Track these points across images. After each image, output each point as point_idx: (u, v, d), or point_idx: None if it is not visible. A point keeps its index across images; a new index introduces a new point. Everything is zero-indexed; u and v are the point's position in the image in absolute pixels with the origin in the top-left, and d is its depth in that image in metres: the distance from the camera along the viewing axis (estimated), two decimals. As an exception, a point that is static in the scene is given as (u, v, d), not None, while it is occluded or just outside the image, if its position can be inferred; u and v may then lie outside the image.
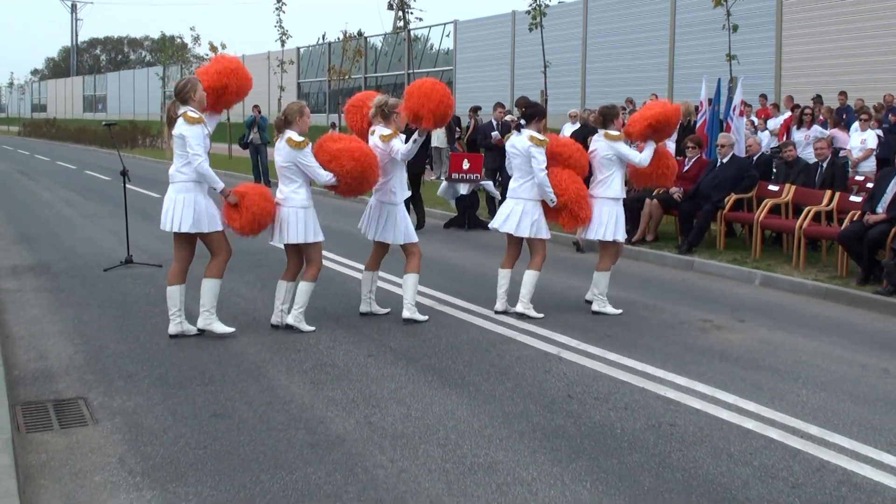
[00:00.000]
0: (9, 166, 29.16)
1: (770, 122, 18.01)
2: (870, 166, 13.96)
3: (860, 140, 14.30)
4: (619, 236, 8.14)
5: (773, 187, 11.51)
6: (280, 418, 5.32)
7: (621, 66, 30.68)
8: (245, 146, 22.75)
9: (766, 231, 11.30)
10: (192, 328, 7.13)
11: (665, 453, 4.86)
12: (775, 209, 11.21)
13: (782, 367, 6.56)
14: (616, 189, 8.13)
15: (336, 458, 4.73)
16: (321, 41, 51.96)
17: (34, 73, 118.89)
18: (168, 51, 48.70)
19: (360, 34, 50.47)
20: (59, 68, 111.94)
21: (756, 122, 18.05)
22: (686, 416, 5.45)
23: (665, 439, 5.06)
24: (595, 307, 8.15)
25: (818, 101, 19.29)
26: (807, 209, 10.54)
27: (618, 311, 8.13)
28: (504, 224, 7.95)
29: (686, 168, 12.08)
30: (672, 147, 15.70)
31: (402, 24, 57.35)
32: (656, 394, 5.87)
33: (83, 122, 63.11)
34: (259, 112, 22.74)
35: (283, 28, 30.69)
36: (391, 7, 61.27)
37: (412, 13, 59.50)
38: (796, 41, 25.10)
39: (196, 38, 42.29)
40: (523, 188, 7.91)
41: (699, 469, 4.66)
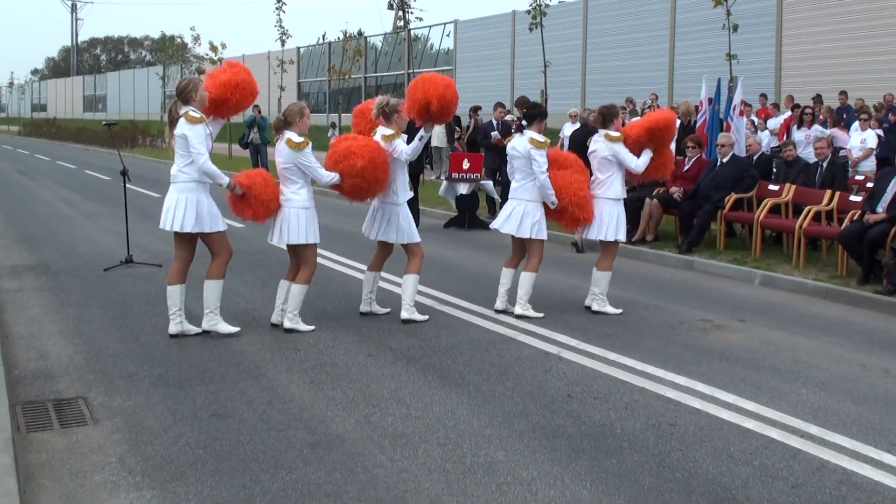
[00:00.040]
0: (9, 166, 29.16)
1: (770, 122, 18.00)
2: (870, 166, 13.96)
3: (860, 140, 14.30)
4: (621, 236, 8.15)
5: (773, 187, 11.52)
6: (280, 418, 5.33)
7: (621, 66, 30.68)
8: (245, 146, 22.78)
9: (766, 231, 11.30)
10: (192, 328, 7.13)
11: (665, 453, 4.86)
12: (775, 209, 11.21)
13: (782, 367, 6.56)
14: (616, 189, 8.13)
15: (336, 458, 4.73)
16: (321, 41, 52.01)
17: (34, 72, 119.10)
18: (168, 51, 48.70)
19: (360, 34, 50.49)
20: (59, 68, 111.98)
21: (756, 121, 18.04)
22: (686, 416, 5.45)
23: (665, 439, 5.06)
24: (595, 307, 8.15)
25: (818, 100, 19.29)
26: (807, 209, 10.54)
27: (618, 310, 8.13)
28: (504, 225, 7.95)
29: (686, 168, 12.08)
30: (672, 146, 15.76)
31: (402, 23, 57.36)
32: (656, 393, 5.88)
33: (83, 121, 63.14)
34: (259, 112, 22.75)
35: (284, 28, 30.74)
36: (391, 7, 61.30)
37: (412, 13, 59.56)
38: (796, 41, 25.11)
39: (196, 38, 42.16)
40: (524, 189, 7.91)
41: (699, 469, 4.66)
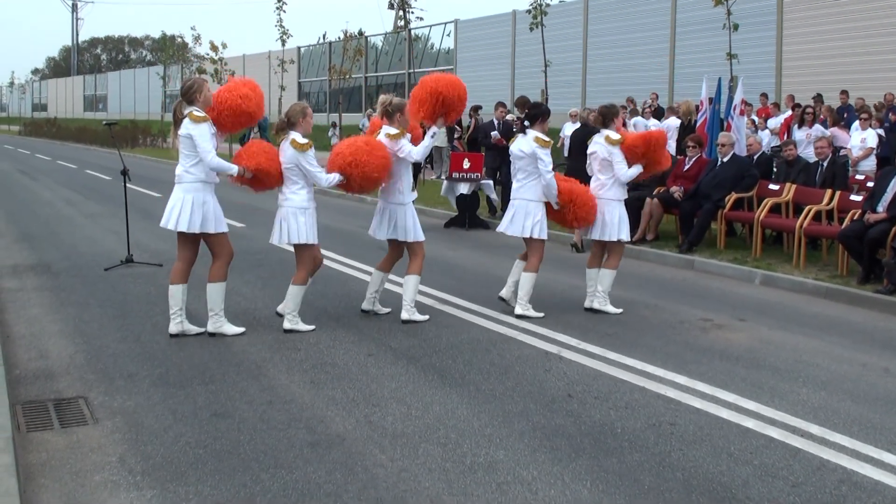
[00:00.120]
0: (10, 165, 29.17)
1: (770, 122, 18.00)
2: (870, 165, 13.96)
3: (860, 139, 14.29)
4: (624, 236, 8.15)
5: (773, 186, 11.51)
6: (280, 417, 5.33)
7: (622, 66, 30.67)
8: (246, 146, 22.73)
9: (766, 230, 11.30)
10: (193, 328, 7.14)
11: (665, 452, 4.86)
12: (776, 208, 11.21)
13: (783, 367, 6.56)
14: (618, 190, 8.13)
15: (336, 458, 4.73)
16: (322, 40, 52.07)
17: (35, 72, 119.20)
18: (169, 50, 48.78)
19: (360, 33, 50.53)
20: (59, 68, 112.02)
21: (756, 121, 18.04)
22: (686, 416, 5.45)
23: (665, 438, 5.06)
24: (596, 304, 8.15)
25: (819, 99, 19.28)
26: (807, 208, 10.54)
27: (618, 310, 8.13)
28: (510, 227, 7.98)
29: (686, 167, 12.08)
30: (672, 146, 15.77)
31: (402, 23, 57.37)
32: (656, 393, 5.88)
33: (84, 121, 63.14)
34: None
35: (284, 27, 30.74)
36: (392, 6, 61.30)
37: (413, 12, 59.57)
38: (797, 40, 25.09)
39: (197, 38, 42.16)
40: (525, 189, 7.91)
41: (699, 468, 4.66)
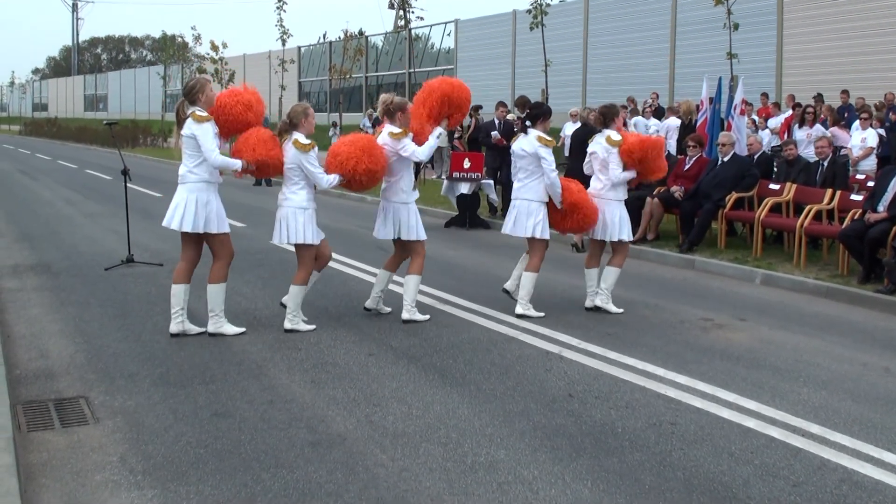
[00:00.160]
0: (10, 165, 29.17)
1: (771, 121, 17.99)
2: (870, 165, 13.95)
3: (861, 139, 14.29)
4: (625, 236, 8.14)
5: (773, 186, 11.51)
6: (281, 417, 5.33)
7: (622, 65, 30.68)
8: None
9: (766, 230, 11.30)
10: (194, 327, 7.14)
11: (666, 452, 4.86)
12: (776, 208, 11.21)
13: (783, 366, 6.56)
14: (618, 190, 8.13)
15: (337, 457, 4.73)
16: (322, 40, 52.07)
17: (35, 72, 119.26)
18: (169, 50, 48.79)
19: (360, 33, 50.52)
20: (60, 67, 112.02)
21: (757, 120, 18.03)
22: (687, 415, 5.45)
23: (666, 438, 5.06)
24: (599, 302, 8.14)
25: (819, 99, 19.27)
26: (808, 208, 10.54)
27: (619, 309, 8.13)
28: (514, 228, 7.99)
29: (687, 167, 12.08)
30: (673, 145, 15.77)
31: (402, 23, 57.33)
32: (657, 392, 5.88)
33: (84, 121, 63.14)
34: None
35: (284, 27, 30.82)
36: (392, 6, 61.24)
37: (413, 12, 59.47)
38: (797, 39, 25.10)
39: (197, 38, 42.28)
40: (526, 189, 7.91)
41: (700, 468, 4.66)
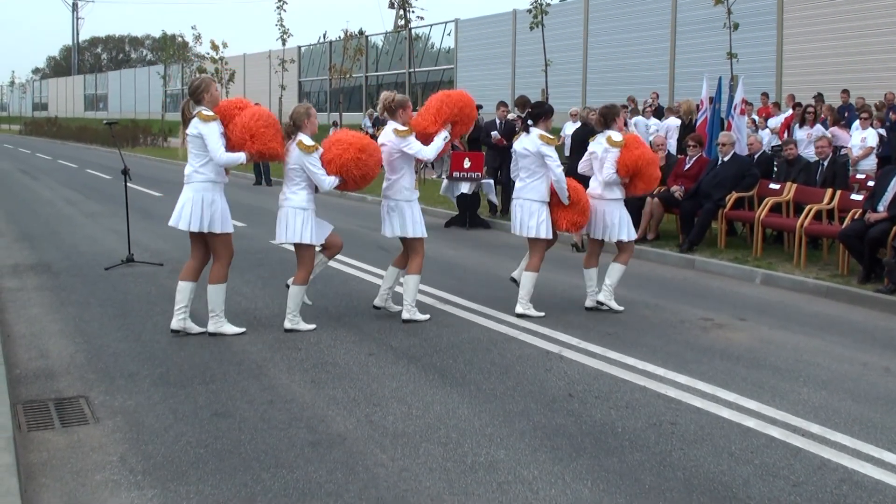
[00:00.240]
0: (10, 165, 29.17)
1: (771, 121, 18.00)
2: (870, 164, 13.96)
3: (861, 138, 14.29)
4: (624, 236, 8.12)
5: (774, 186, 11.51)
6: (281, 417, 5.33)
7: (622, 65, 30.68)
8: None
9: (767, 229, 11.30)
10: (195, 326, 7.14)
11: (666, 452, 4.86)
12: (776, 208, 11.21)
13: (783, 366, 6.56)
14: (618, 190, 8.11)
15: (337, 457, 4.73)
16: (322, 40, 52.03)
17: (35, 71, 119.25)
18: (169, 49, 48.80)
19: (361, 33, 50.49)
20: (60, 67, 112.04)
21: (757, 120, 18.04)
22: (687, 415, 5.45)
23: (666, 438, 5.06)
24: (601, 297, 8.13)
25: (819, 99, 19.27)
26: (808, 208, 10.54)
27: (620, 307, 8.13)
28: (519, 228, 8.01)
29: (687, 167, 12.08)
30: (673, 145, 15.77)
31: (403, 22, 57.31)
32: (657, 392, 5.88)
33: (84, 120, 63.15)
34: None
35: (285, 27, 30.77)
36: (392, 6, 61.19)
37: (413, 12, 59.37)
38: (797, 39, 25.10)
39: (197, 37, 42.33)
40: (528, 189, 7.91)
41: (700, 467, 4.66)
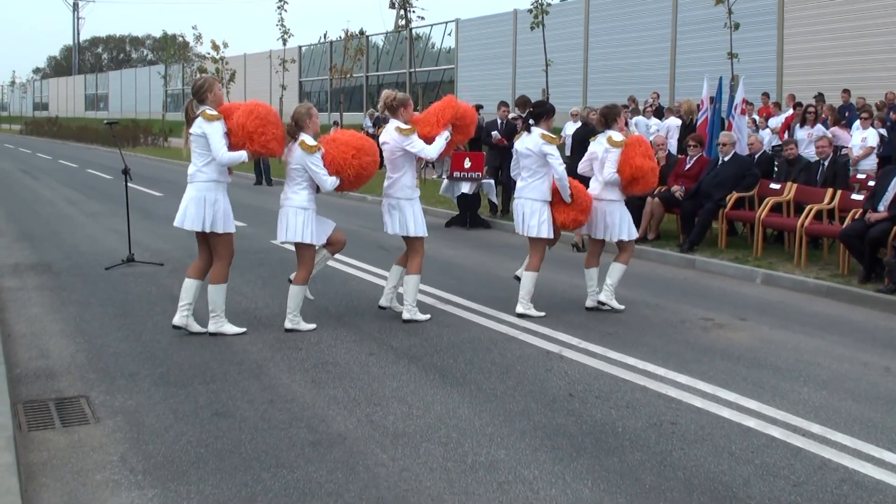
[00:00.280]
0: (11, 165, 29.18)
1: (771, 121, 17.99)
2: (871, 164, 13.95)
3: (861, 138, 14.29)
4: (625, 236, 8.12)
5: (774, 186, 11.51)
6: (281, 417, 5.33)
7: (623, 65, 30.67)
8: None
9: (767, 229, 11.29)
10: (196, 325, 7.14)
11: (666, 452, 4.86)
12: (777, 207, 11.20)
13: (784, 366, 6.55)
14: (616, 190, 8.11)
15: (337, 457, 4.73)
16: (323, 40, 51.96)
17: (36, 71, 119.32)
18: (170, 49, 48.75)
19: (361, 33, 50.50)
20: (60, 67, 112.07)
21: (757, 120, 18.03)
22: (687, 415, 5.45)
23: (666, 438, 5.06)
24: (602, 297, 8.13)
25: (820, 99, 19.26)
26: (808, 207, 10.54)
27: (621, 306, 8.14)
28: (521, 228, 8.01)
29: (687, 166, 12.08)
30: (673, 145, 15.76)
31: (403, 22, 57.32)
32: (658, 392, 5.88)
33: (85, 120, 63.18)
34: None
35: (285, 27, 30.77)
36: (393, 6, 61.18)
37: (414, 12, 59.37)
38: (797, 39, 25.09)
39: (198, 37, 42.27)
40: (529, 189, 7.91)
41: (700, 467, 4.66)
